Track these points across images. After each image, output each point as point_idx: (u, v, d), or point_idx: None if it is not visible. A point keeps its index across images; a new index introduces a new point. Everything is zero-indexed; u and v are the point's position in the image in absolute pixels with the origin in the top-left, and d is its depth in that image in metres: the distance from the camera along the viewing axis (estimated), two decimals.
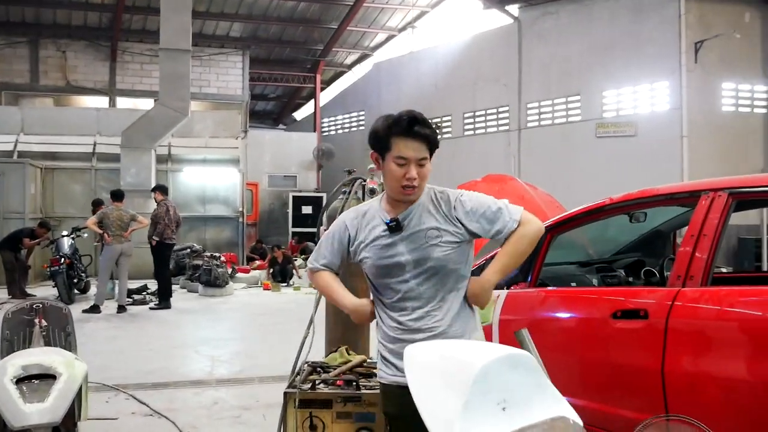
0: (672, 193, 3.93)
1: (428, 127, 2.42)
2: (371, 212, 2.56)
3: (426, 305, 2.43)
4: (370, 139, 2.48)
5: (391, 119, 2.42)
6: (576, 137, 17.31)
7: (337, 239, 2.59)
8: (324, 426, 2.95)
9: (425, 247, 2.43)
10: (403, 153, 2.38)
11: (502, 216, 2.47)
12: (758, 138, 16.03)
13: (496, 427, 1.52)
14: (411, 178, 2.38)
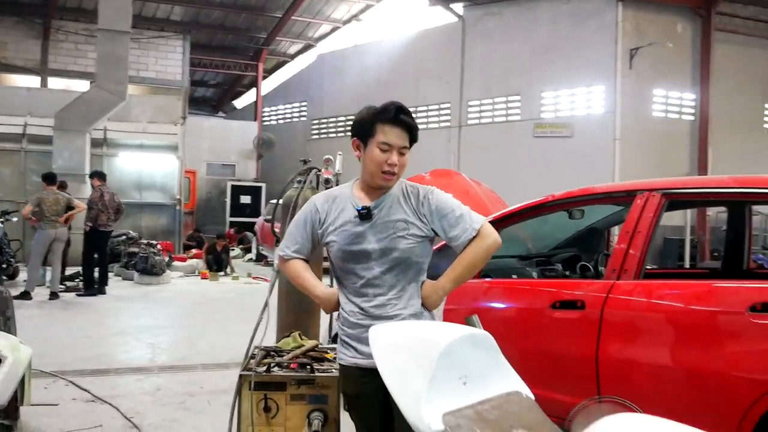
0: (610, 192, 4.16)
1: (412, 118, 2.52)
2: (342, 197, 2.61)
3: (388, 293, 2.50)
4: (355, 125, 2.55)
5: (378, 107, 2.51)
6: (515, 136, 17.75)
7: (309, 221, 2.62)
8: (278, 408, 3.02)
9: (392, 237, 2.50)
10: (388, 139, 2.46)
11: (462, 223, 2.52)
12: (685, 143, 16.81)
13: (458, 400, 1.65)
14: (392, 164, 2.47)
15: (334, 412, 3.05)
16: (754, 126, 17.79)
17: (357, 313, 2.52)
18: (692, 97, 16.85)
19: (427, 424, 1.58)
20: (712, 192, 3.76)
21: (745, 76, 17.39)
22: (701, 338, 3.26)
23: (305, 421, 3.03)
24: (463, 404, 1.65)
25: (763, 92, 17.86)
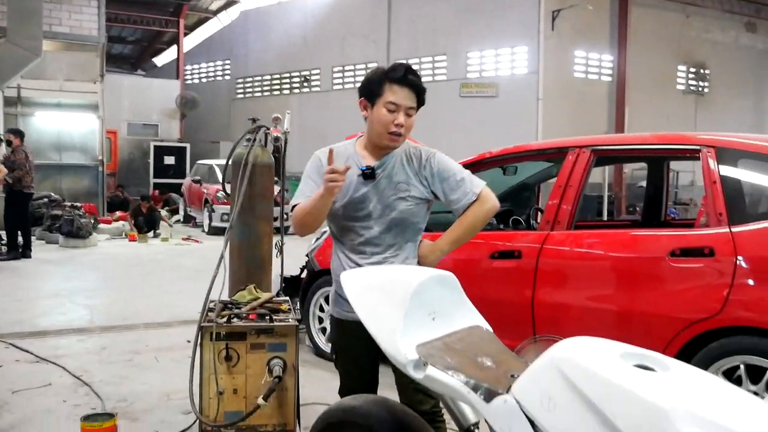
0: (543, 149, 4.42)
1: (420, 80, 2.52)
2: (346, 155, 2.60)
3: (385, 252, 2.55)
4: (363, 85, 2.54)
5: (386, 67, 2.52)
6: (442, 96, 17.97)
7: (315, 174, 2.58)
8: (239, 356, 3.15)
9: (393, 198, 2.53)
10: (395, 99, 2.45)
11: (463, 186, 2.54)
12: (604, 103, 17.53)
13: (428, 333, 1.84)
14: (399, 124, 2.47)
15: (293, 358, 3.21)
16: (667, 86, 18.69)
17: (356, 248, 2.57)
18: (610, 59, 17.52)
19: (404, 355, 1.76)
20: (636, 148, 4.07)
21: (659, 38, 18.19)
22: (628, 281, 3.58)
23: (265, 369, 3.17)
24: (433, 337, 1.84)
25: (676, 54, 18.75)
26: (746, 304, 3.22)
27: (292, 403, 3.23)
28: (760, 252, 3.23)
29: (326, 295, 5.08)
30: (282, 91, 22.63)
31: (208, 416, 3.14)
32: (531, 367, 1.62)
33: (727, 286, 3.24)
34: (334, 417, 2.17)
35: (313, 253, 5.20)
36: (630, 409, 1.38)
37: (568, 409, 1.49)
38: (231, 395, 3.16)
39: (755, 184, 3.57)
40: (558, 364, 1.54)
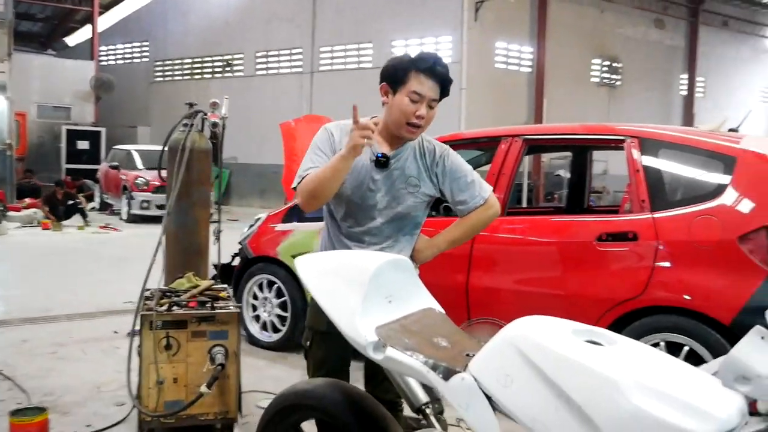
0: (477, 138, 4.53)
1: (447, 71, 2.42)
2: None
3: (383, 242, 2.50)
4: (386, 70, 2.44)
5: (413, 55, 2.41)
6: (367, 83, 17.86)
7: (327, 145, 2.45)
8: (179, 345, 3.12)
9: (402, 192, 2.46)
10: (420, 89, 2.36)
11: (472, 189, 2.50)
12: (524, 93, 18.02)
13: (385, 316, 1.89)
14: (420, 116, 2.37)
15: (235, 346, 3.20)
16: (582, 78, 19.40)
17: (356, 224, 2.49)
18: (530, 50, 18.02)
19: (364, 336, 1.81)
20: (565, 138, 4.25)
21: (576, 32, 18.83)
22: (558, 265, 3.75)
23: (206, 357, 3.15)
24: (390, 319, 1.90)
25: (591, 47, 19.46)
26: (666, 285, 3.44)
27: (234, 390, 3.22)
28: (678, 236, 3.45)
29: (260, 282, 5.06)
30: (203, 76, 22.08)
31: (147, 406, 3.09)
32: (487, 345, 1.70)
33: (650, 269, 3.45)
34: (287, 401, 2.20)
35: (247, 240, 5.16)
36: (584, 381, 1.47)
37: (524, 384, 1.57)
38: (171, 384, 3.12)
39: (674, 173, 3.79)
40: (514, 341, 1.63)
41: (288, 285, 4.86)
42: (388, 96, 2.44)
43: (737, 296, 3.26)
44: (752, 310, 3.21)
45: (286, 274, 4.87)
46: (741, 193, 3.37)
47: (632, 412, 1.40)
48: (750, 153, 3.46)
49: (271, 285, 4.99)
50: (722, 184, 3.44)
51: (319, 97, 18.78)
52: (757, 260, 3.26)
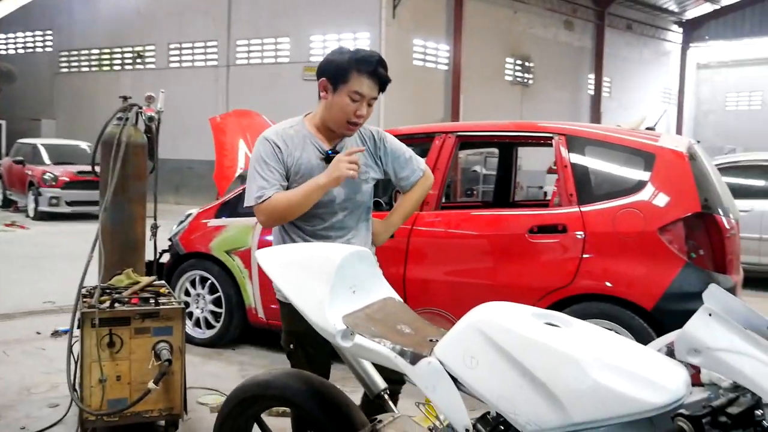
0: (411, 134, 4.64)
1: (387, 70, 2.45)
2: (300, 136, 2.50)
3: (347, 234, 2.55)
4: (326, 66, 2.44)
5: (357, 54, 2.41)
6: (285, 78, 17.89)
7: (274, 158, 2.44)
8: (122, 342, 3.06)
9: (357, 181, 2.50)
10: (361, 90, 2.39)
11: (411, 164, 2.64)
12: (441, 90, 18.37)
13: (350, 305, 1.95)
14: (360, 116, 2.43)
15: (179, 342, 3.17)
16: (497, 77, 19.96)
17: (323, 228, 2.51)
18: (447, 48, 18.38)
19: (333, 325, 1.86)
20: (496, 134, 4.43)
21: (490, 31, 19.35)
22: (492, 256, 3.91)
23: (151, 353, 3.11)
24: (355, 308, 1.96)
25: (505, 47, 20.05)
26: (593, 274, 3.66)
27: (179, 387, 3.20)
28: (604, 228, 3.68)
29: (192, 279, 5.00)
30: (113, 68, 21.27)
31: (89, 405, 3.02)
32: (451, 331, 1.79)
33: (578, 259, 3.67)
34: (249, 392, 2.22)
35: (178, 236, 5.08)
36: (547, 359, 1.59)
37: (489, 365, 1.67)
38: (114, 382, 3.07)
39: (600, 169, 4.02)
40: (478, 326, 1.73)
41: (222, 281, 4.83)
42: (327, 92, 2.47)
43: (658, 283, 3.52)
44: (672, 296, 3.48)
45: (220, 269, 4.83)
46: (660, 188, 3.64)
47: (592, 386, 1.52)
48: (668, 150, 3.73)
49: (204, 281, 4.94)
50: (643, 179, 3.69)
51: (235, 91, 18.48)
52: (675, 250, 3.53)
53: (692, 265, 3.54)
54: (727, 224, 3.74)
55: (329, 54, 2.51)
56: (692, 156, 3.77)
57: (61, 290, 6.36)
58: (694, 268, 3.52)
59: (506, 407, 1.64)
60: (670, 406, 1.48)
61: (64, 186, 13.26)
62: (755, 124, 26.82)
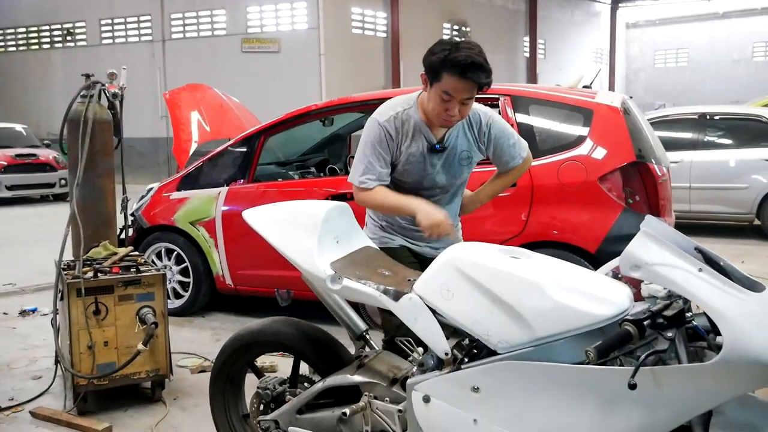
0: (364, 100, 4.83)
1: (484, 72, 2.35)
2: (411, 123, 2.51)
3: (443, 207, 2.61)
4: (425, 60, 2.43)
5: (450, 54, 2.33)
6: (222, 51, 17.67)
7: (386, 147, 2.48)
8: (107, 309, 3.22)
9: (458, 168, 2.60)
10: (451, 90, 2.35)
11: (513, 150, 2.66)
12: (380, 58, 18.48)
13: (336, 253, 2.18)
14: (451, 115, 2.42)
15: (162, 306, 3.35)
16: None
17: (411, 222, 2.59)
18: (384, 16, 18.46)
19: (323, 271, 2.09)
20: None
21: None
22: None
23: (135, 319, 3.28)
24: (340, 256, 2.19)
25: (441, 12, 20.25)
26: (541, 222, 3.98)
27: (164, 349, 3.38)
28: (549, 180, 3.99)
29: (158, 251, 5.12)
30: (41, 46, 20.56)
31: (79, 371, 3.18)
32: (428, 269, 2.05)
33: (527, 210, 3.97)
34: (243, 340, 2.44)
35: (140, 211, 5.18)
36: (514, 286, 1.86)
37: (464, 295, 1.94)
38: (102, 348, 3.23)
39: (543, 126, 4.31)
40: (453, 262, 1.98)
41: (188, 251, 4.97)
42: (426, 86, 2.47)
43: (600, 228, 3.87)
44: (613, 239, 3.83)
45: (185, 240, 4.97)
46: (598, 141, 3.96)
47: (553, 305, 1.80)
48: (604, 106, 4.05)
49: (170, 253, 5.07)
50: (582, 134, 4.01)
51: (173, 67, 18.15)
52: (614, 197, 3.87)
53: (629, 210, 3.89)
54: (659, 171, 4.10)
55: (432, 47, 2.45)
56: (626, 110, 4.11)
57: (17, 274, 6.38)
58: (632, 213, 3.87)
59: (480, 330, 1.91)
60: (618, 317, 1.77)
61: (2, 170, 12.95)
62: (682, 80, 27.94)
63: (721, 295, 1.60)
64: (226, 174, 4.93)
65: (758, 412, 1.70)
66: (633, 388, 1.56)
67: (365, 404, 2.12)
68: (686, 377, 1.63)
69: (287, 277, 4.68)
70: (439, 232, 2.39)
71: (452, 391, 1.93)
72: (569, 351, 1.81)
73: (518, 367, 1.83)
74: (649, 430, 1.71)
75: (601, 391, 1.73)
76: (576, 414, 1.77)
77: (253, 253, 4.77)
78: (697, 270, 1.64)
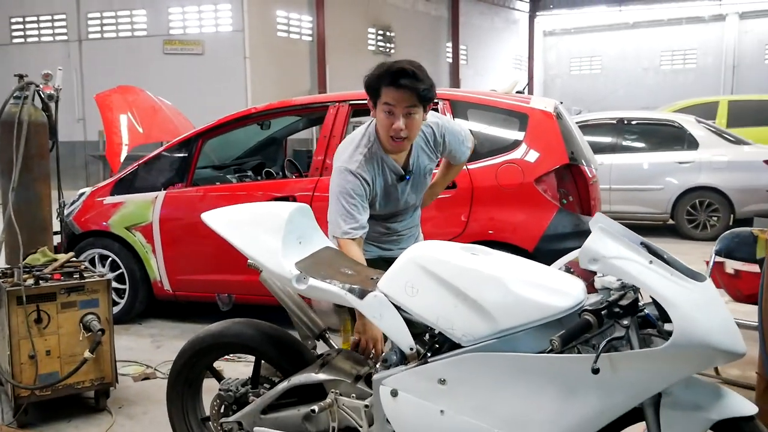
0: (306, 104, 4.87)
1: (419, 80, 2.35)
2: (376, 159, 2.52)
3: (412, 213, 2.82)
4: (365, 83, 2.46)
5: (384, 69, 2.40)
6: (143, 52, 17.22)
7: (360, 197, 2.46)
8: (50, 318, 3.12)
9: (423, 183, 2.72)
10: (390, 101, 2.38)
11: (465, 145, 2.79)
12: (306, 62, 18.45)
13: (299, 254, 2.21)
14: (397, 129, 2.39)
15: (106, 313, 3.27)
16: (360, 47, 20.31)
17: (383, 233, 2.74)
18: (309, 19, 18.45)
19: (289, 271, 2.12)
20: None
21: (352, 1, 19.61)
22: None
23: (79, 326, 3.19)
24: (303, 256, 2.22)
25: (366, 17, 20.42)
26: (480, 222, 4.12)
27: (108, 357, 3.30)
28: (487, 182, 4.13)
29: (91, 257, 4.97)
30: None
31: (21, 382, 3.07)
32: (391, 268, 2.11)
33: (467, 210, 4.10)
34: (204, 342, 2.43)
35: (72, 216, 5.01)
36: (477, 281, 1.95)
37: (428, 291, 2.01)
38: (44, 357, 3.14)
39: (481, 129, 4.44)
40: (416, 260, 2.06)
41: (123, 257, 4.85)
42: (373, 111, 2.49)
43: (537, 227, 4.04)
44: (549, 237, 4.01)
45: (121, 246, 4.85)
46: (533, 144, 4.14)
47: (515, 298, 1.90)
48: (538, 111, 4.23)
49: (104, 259, 4.94)
50: (519, 137, 4.18)
51: (90, 68, 17.51)
52: (549, 197, 4.05)
53: (564, 210, 4.08)
54: (589, 173, 4.32)
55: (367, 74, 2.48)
56: (558, 115, 4.30)
57: None
58: (566, 213, 4.07)
59: (444, 325, 1.99)
60: (575, 308, 1.89)
61: None
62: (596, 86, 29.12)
63: (670, 285, 1.74)
64: (163, 178, 4.84)
65: (702, 391, 1.85)
66: (596, 372, 1.68)
67: (332, 401, 2.16)
68: (641, 361, 1.76)
69: (228, 282, 4.66)
70: (369, 347, 2.34)
71: (419, 384, 2.00)
72: (530, 341, 1.91)
73: (483, 359, 1.92)
74: (606, 412, 1.84)
75: (563, 377, 1.84)
76: (538, 400, 1.87)
77: (192, 258, 4.72)
78: (648, 262, 1.77)
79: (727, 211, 8.16)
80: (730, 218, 8.17)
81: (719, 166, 8.15)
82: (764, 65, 26.15)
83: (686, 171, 8.27)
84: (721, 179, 8.14)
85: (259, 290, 4.48)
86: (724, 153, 8.22)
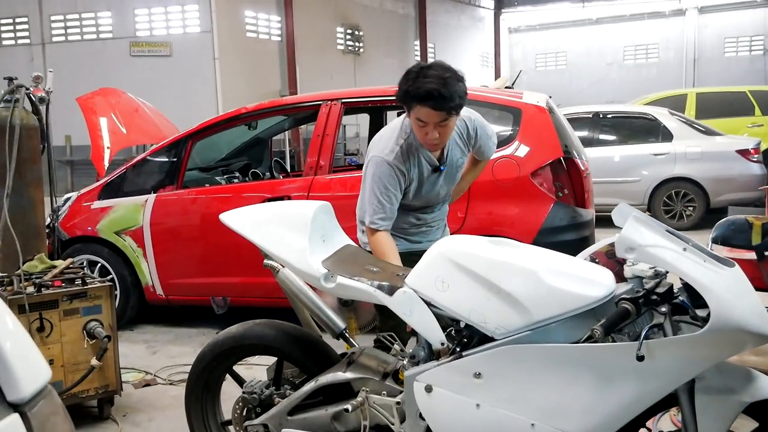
0: (296, 103, 4.83)
1: (446, 99, 2.34)
2: (412, 150, 2.56)
3: (443, 206, 2.88)
4: (396, 96, 2.49)
5: (410, 85, 2.38)
6: (109, 55, 16.92)
7: (394, 187, 2.52)
8: (52, 326, 3.04)
9: (456, 175, 2.78)
10: (422, 117, 2.41)
11: (492, 141, 2.86)
12: (276, 62, 18.31)
13: (324, 252, 2.20)
14: (433, 139, 2.46)
15: (110, 319, 3.20)
16: (330, 46, 20.23)
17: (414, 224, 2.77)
18: (278, 19, 18.32)
19: (316, 270, 2.10)
20: (377, 99, 4.74)
21: (320, 1, 19.53)
22: None
23: (82, 334, 3.12)
24: (328, 254, 2.21)
25: (335, 16, 20.34)
26: (478, 217, 4.14)
27: (113, 364, 3.24)
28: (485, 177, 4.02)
29: (80, 263, 4.86)
30: None
31: None
32: (420, 263, 2.11)
33: (465, 206, 4.11)
34: (225, 345, 2.39)
35: (58, 222, 4.90)
36: (510, 274, 1.96)
37: (459, 286, 2.01)
38: None
39: None
40: (445, 255, 2.06)
41: (113, 262, 4.76)
42: (407, 113, 2.52)
43: (534, 221, 4.06)
44: (546, 230, 4.04)
45: (110, 251, 4.76)
46: (528, 138, 4.17)
47: (549, 289, 1.91)
48: (531, 106, 4.26)
49: (93, 264, 4.84)
50: (513, 132, 4.20)
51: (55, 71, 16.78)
52: (545, 191, 4.08)
53: (560, 202, 4.11)
54: (582, 166, 4.37)
55: (400, 79, 2.48)
56: (551, 109, 4.34)
57: None
58: (562, 205, 4.10)
59: (477, 318, 1.99)
60: (608, 297, 1.91)
61: None
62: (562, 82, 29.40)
63: (705, 271, 1.77)
64: (152, 181, 4.76)
65: (733, 375, 1.88)
66: (641, 359, 1.69)
67: (363, 399, 2.15)
68: (678, 347, 1.78)
69: (222, 284, 4.61)
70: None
71: (454, 379, 2.00)
72: (563, 332, 1.93)
73: (519, 351, 1.92)
74: (643, 399, 1.86)
75: (601, 366, 1.85)
76: (575, 390, 1.89)
77: (185, 262, 4.66)
78: (682, 249, 1.80)
79: (702, 201, 8.33)
80: (705, 208, 8.34)
81: (693, 157, 8.32)
82: (724, 58, 26.71)
83: (661, 162, 8.42)
84: (696, 170, 8.31)
85: (255, 292, 4.52)
86: (698, 144, 8.39)
